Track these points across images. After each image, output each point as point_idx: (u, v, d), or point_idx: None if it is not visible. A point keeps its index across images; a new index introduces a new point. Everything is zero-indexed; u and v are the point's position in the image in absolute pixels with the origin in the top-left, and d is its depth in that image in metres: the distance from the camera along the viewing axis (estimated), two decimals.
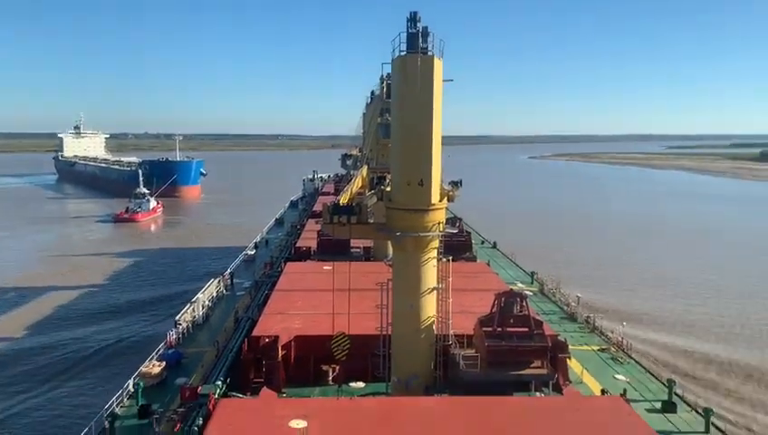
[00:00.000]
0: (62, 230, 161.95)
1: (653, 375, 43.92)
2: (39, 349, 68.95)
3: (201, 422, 31.62)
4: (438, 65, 35.36)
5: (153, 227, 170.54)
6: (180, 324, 51.38)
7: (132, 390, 39.02)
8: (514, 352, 36.31)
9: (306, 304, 49.19)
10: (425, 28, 35.07)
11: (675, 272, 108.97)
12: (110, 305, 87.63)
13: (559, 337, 42.27)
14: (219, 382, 37.54)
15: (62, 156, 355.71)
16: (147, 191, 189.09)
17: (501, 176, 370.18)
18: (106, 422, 35.06)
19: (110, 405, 37.00)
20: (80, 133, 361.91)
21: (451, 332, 38.20)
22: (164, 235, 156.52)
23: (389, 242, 44.09)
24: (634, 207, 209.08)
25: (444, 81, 36.21)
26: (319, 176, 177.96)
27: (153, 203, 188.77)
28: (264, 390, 37.58)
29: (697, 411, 37.22)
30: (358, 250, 72.48)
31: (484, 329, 37.02)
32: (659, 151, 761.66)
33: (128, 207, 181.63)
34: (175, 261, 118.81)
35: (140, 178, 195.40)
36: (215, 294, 61.59)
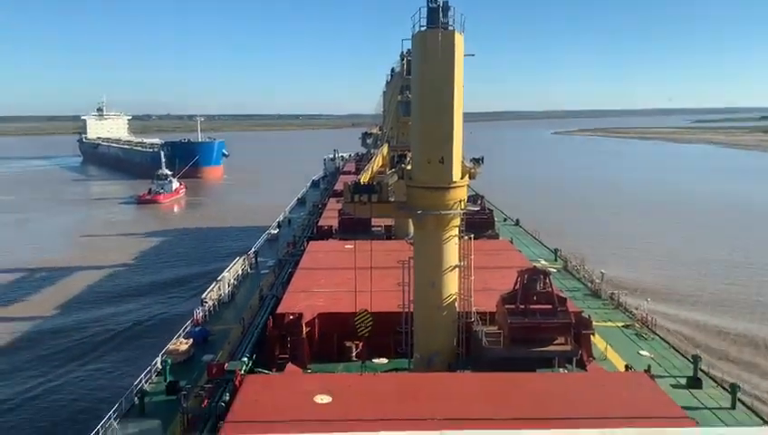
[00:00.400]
0: (86, 212, 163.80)
1: (678, 351, 43.60)
2: (64, 329, 70.27)
3: (228, 398, 32.24)
4: (459, 40, 34.88)
5: (176, 209, 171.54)
6: (206, 302, 52.21)
7: (160, 367, 39.86)
8: (537, 328, 36.27)
9: (329, 282, 49.60)
10: (445, 2, 34.54)
11: (712, 251, 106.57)
12: (133, 286, 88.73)
13: (583, 314, 42.11)
14: (245, 359, 38.19)
15: (85, 138, 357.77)
16: (169, 173, 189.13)
17: (526, 152, 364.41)
18: (135, 399, 35.95)
19: (139, 382, 37.85)
20: (102, 115, 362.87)
21: (473, 309, 38.25)
22: (186, 216, 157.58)
23: (411, 220, 44.17)
24: (667, 183, 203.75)
25: (465, 56, 35.76)
26: (340, 155, 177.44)
27: (175, 184, 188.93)
28: (290, 366, 38.15)
29: (724, 387, 36.92)
30: (379, 229, 72.62)
31: (507, 306, 36.99)
32: (685, 125, 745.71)
33: (150, 189, 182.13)
34: (197, 242, 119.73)
35: (162, 160, 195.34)
36: (240, 273, 62.37)
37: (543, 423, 27.61)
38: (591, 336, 41.12)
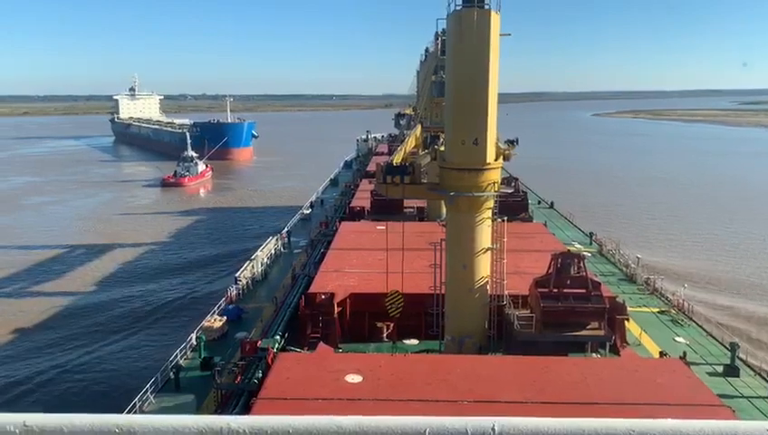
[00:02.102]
0: (107, 195, 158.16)
1: (715, 338, 42.70)
2: (92, 309, 69.88)
3: (260, 375, 32.80)
4: (496, 19, 34.31)
5: (201, 192, 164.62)
6: (240, 281, 52.97)
7: (195, 343, 40.72)
8: (571, 312, 35.93)
9: (360, 263, 49.81)
10: None
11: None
12: (148, 271, 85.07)
13: (617, 298, 41.58)
14: (278, 337, 38.75)
15: (117, 118, 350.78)
16: (195, 155, 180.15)
17: (565, 134, 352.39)
18: (171, 373, 36.83)
19: (175, 357, 38.75)
20: (134, 95, 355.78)
21: (506, 292, 38.05)
22: (211, 200, 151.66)
23: (443, 202, 43.99)
24: (721, 171, 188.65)
25: (501, 35, 35.21)
26: (372, 136, 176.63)
27: (201, 167, 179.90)
28: (321, 345, 38.55)
29: (762, 376, 36.11)
30: (411, 210, 72.50)
31: (540, 290, 36.70)
32: (732, 107, 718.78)
33: (175, 171, 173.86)
34: (219, 230, 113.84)
35: (188, 141, 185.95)
36: (273, 252, 63.07)
37: (575, 408, 27.47)
38: (626, 321, 40.58)
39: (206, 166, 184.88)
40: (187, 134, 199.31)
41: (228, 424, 2.75)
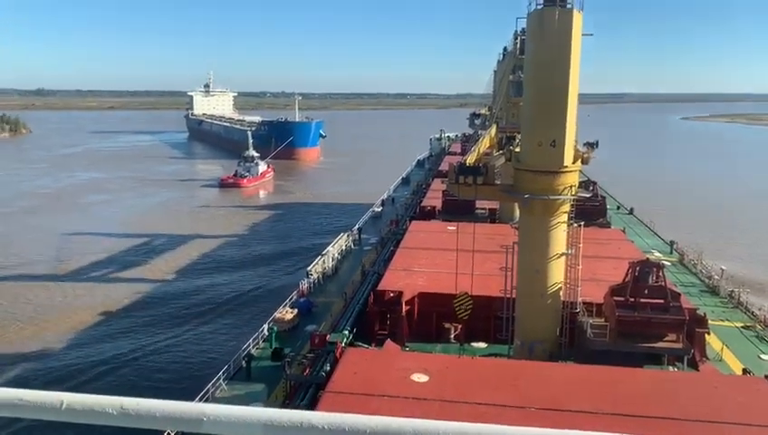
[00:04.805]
0: (163, 195, 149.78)
1: None
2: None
3: (328, 368, 33.34)
4: (578, 19, 33.47)
5: (260, 194, 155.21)
6: (312, 275, 54.08)
7: (267, 334, 41.88)
8: (647, 323, 34.66)
9: (430, 263, 49.75)
10: None
11: None
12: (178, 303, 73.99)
13: (697, 311, 39.80)
14: (346, 332, 39.29)
15: (192, 114, 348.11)
16: (256, 154, 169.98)
17: (660, 141, 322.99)
18: (243, 362, 38.05)
19: (247, 346, 39.98)
20: (209, 91, 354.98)
21: (579, 299, 37.09)
22: (266, 203, 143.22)
23: (516, 204, 43.32)
24: None
25: (583, 35, 34.34)
26: (446, 135, 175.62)
27: (263, 167, 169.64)
28: (389, 342, 38.80)
29: None
30: (483, 211, 71.69)
31: (616, 298, 35.56)
32: None
33: (236, 171, 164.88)
34: (266, 236, 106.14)
35: (250, 140, 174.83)
36: (344, 248, 63.98)
37: (649, 422, 26.44)
38: (706, 335, 38.74)
39: (268, 166, 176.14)
40: (249, 133, 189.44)
41: (309, 419, 2.84)
